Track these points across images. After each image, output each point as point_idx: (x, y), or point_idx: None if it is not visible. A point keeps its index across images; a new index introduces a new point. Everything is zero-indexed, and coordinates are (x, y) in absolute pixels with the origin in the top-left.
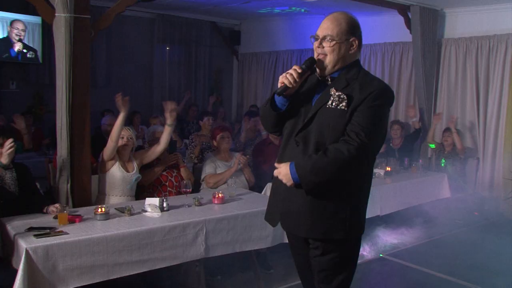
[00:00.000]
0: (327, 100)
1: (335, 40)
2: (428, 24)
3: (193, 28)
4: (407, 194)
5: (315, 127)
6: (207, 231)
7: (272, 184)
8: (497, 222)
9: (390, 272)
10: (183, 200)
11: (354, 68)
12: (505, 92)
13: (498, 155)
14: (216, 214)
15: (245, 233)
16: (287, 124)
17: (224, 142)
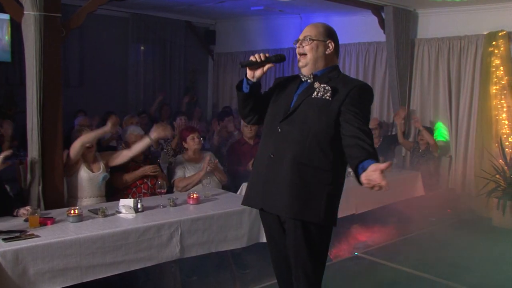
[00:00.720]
0: (312, 91)
1: (313, 39)
2: (402, 24)
3: (167, 27)
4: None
5: (300, 115)
6: (182, 232)
7: (253, 169)
8: (469, 219)
9: (365, 270)
10: (158, 200)
11: (335, 71)
12: (475, 92)
13: (470, 153)
14: (191, 215)
15: (221, 233)
16: (267, 117)
17: (194, 143)
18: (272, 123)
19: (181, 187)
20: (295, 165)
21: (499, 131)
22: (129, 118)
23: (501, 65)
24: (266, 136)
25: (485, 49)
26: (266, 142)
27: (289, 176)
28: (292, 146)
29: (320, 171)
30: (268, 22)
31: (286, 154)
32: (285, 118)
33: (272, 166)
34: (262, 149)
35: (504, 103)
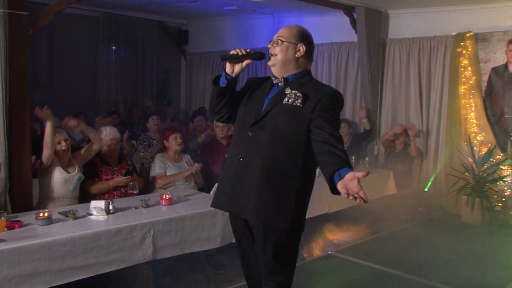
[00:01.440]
0: (283, 97)
1: (284, 41)
2: (373, 24)
3: (139, 27)
4: None
5: (270, 121)
6: (155, 233)
7: (222, 171)
8: (439, 216)
9: (338, 268)
10: (130, 202)
11: (306, 76)
12: (445, 91)
13: (440, 152)
14: (163, 216)
15: (194, 234)
16: (238, 121)
17: (176, 143)
18: (242, 127)
19: (161, 184)
20: (264, 170)
21: (468, 129)
22: (101, 119)
23: (469, 65)
24: (237, 139)
25: (453, 49)
26: (236, 145)
27: (258, 182)
28: (262, 152)
29: (289, 178)
30: (241, 22)
31: (256, 159)
32: (255, 122)
33: (241, 170)
34: (232, 152)
35: (472, 102)
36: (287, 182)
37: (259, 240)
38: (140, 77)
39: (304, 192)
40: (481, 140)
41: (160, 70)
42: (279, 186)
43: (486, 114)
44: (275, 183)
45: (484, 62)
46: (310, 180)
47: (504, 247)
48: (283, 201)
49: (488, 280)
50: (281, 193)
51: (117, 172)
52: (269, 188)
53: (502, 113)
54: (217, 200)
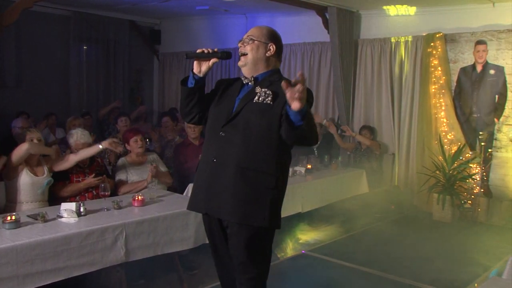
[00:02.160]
0: (254, 96)
1: (255, 40)
2: (345, 25)
3: (111, 27)
4: (328, 191)
5: (242, 120)
6: (127, 235)
7: (196, 173)
8: (411, 214)
9: (312, 267)
10: (102, 203)
11: (276, 74)
12: (416, 91)
13: (412, 151)
14: (136, 217)
15: (167, 235)
16: (209, 121)
17: (137, 146)
18: (214, 127)
19: (122, 193)
20: (239, 169)
21: (438, 128)
22: (73, 120)
23: (439, 65)
24: (209, 140)
25: (424, 49)
26: (209, 146)
27: (233, 180)
28: (235, 151)
29: (264, 175)
30: (213, 22)
31: (229, 159)
32: (227, 122)
33: (216, 171)
34: (205, 153)
35: (442, 102)
36: (262, 179)
37: (233, 239)
38: (112, 77)
39: (280, 188)
40: (451, 138)
41: (132, 70)
42: (255, 184)
43: (455, 113)
44: (251, 181)
45: (453, 62)
46: (285, 176)
47: (473, 244)
48: (259, 199)
49: (458, 277)
50: (257, 190)
51: (89, 174)
52: (245, 187)
53: (470, 112)
54: (192, 202)
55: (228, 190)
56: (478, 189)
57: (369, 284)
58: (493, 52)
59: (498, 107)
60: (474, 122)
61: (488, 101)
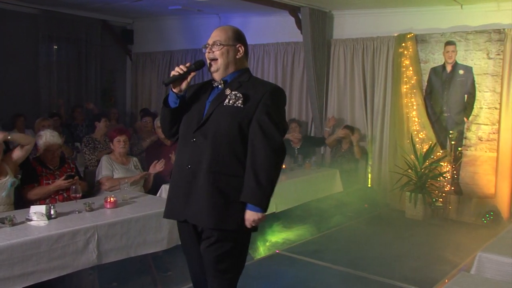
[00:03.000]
0: (224, 99)
1: (223, 44)
2: (318, 25)
3: (82, 26)
4: (302, 190)
5: (212, 124)
6: (99, 237)
7: (171, 180)
8: (384, 212)
9: (286, 267)
10: (73, 206)
11: (245, 74)
12: (388, 91)
13: (384, 150)
14: (108, 219)
15: (140, 236)
16: (182, 127)
17: (119, 146)
18: (186, 134)
19: (108, 186)
20: (211, 174)
21: (410, 128)
22: (41, 121)
23: (410, 65)
24: (182, 147)
25: (395, 50)
26: (182, 153)
27: (206, 186)
28: (207, 156)
29: (237, 179)
30: (186, 21)
31: (202, 165)
32: (198, 128)
33: (190, 177)
34: (179, 160)
35: (414, 101)
36: (235, 183)
37: (207, 244)
38: (83, 77)
39: None
40: (422, 137)
41: (104, 70)
42: (228, 188)
43: (427, 113)
44: (223, 185)
45: (424, 63)
46: None
47: (444, 241)
48: (233, 202)
49: (429, 274)
50: (229, 195)
51: (59, 176)
52: (218, 192)
53: (441, 111)
54: (170, 210)
55: (203, 196)
56: (449, 187)
57: (343, 282)
58: (461, 53)
59: (467, 107)
60: (444, 121)
61: (458, 101)
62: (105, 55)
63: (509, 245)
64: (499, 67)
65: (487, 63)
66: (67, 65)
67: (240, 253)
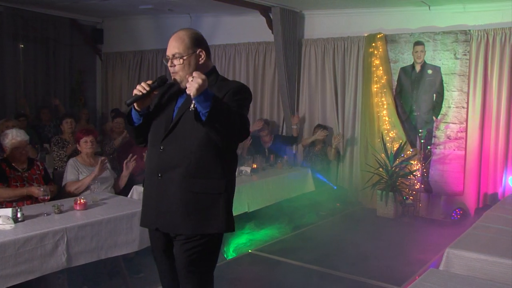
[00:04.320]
0: (189, 104)
1: (183, 56)
2: (289, 25)
3: (50, 25)
4: (274, 190)
5: (179, 131)
6: (69, 240)
7: (144, 189)
8: (356, 211)
9: (259, 266)
10: (41, 208)
11: (211, 76)
12: (359, 90)
13: (356, 149)
14: (78, 221)
15: (110, 238)
16: (150, 134)
17: (87, 146)
18: (154, 142)
19: (73, 190)
20: (185, 180)
21: (381, 127)
22: (5, 122)
23: (381, 65)
24: (151, 156)
25: (366, 50)
26: (151, 162)
27: (180, 194)
28: (179, 163)
29: (213, 181)
30: (157, 21)
31: (174, 172)
32: (166, 136)
33: (162, 186)
34: (149, 169)
35: (384, 100)
36: (212, 185)
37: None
38: (52, 77)
39: (230, 191)
40: (393, 136)
41: (73, 70)
42: (205, 192)
43: (397, 112)
44: (200, 189)
45: (393, 62)
46: (233, 177)
47: (415, 239)
48: (212, 205)
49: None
50: (208, 198)
51: (27, 179)
52: (194, 197)
53: (411, 110)
54: (144, 219)
55: (177, 204)
56: (419, 185)
57: (315, 281)
58: (430, 53)
59: (436, 106)
60: (414, 120)
61: (427, 100)
62: (74, 54)
63: (476, 241)
64: (466, 67)
65: (455, 63)
66: (34, 65)
67: (213, 251)
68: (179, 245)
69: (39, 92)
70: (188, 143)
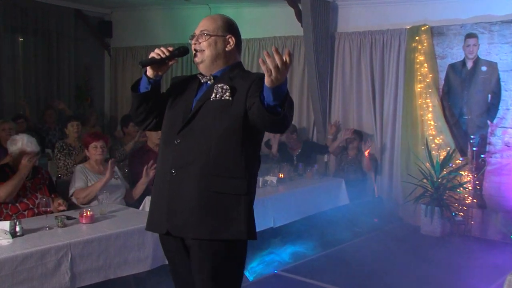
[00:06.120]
0: (210, 94)
1: (211, 34)
2: (320, 16)
3: (52, 16)
4: (303, 203)
5: (198, 123)
6: (73, 257)
7: (153, 189)
8: (397, 227)
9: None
10: (43, 221)
11: (237, 69)
12: (400, 90)
13: (396, 157)
14: (83, 236)
15: (120, 255)
16: (164, 127)
17: (96, 152)
18: (169, 135)
19: (82, 198)
20: (203, 177)
21: (425, 132)
22: (1, 124)
23: (425, 61)
24: (164, 150)
25: (408, 44)
26: (165, 156)
27: (197, 192)
28: (196, 158)
29: (233, 180)
30: (172, 12)
31: (190, 168)
32: (183, 128)
33: (175, 184)
34: (161, 164)
35: (429, 102)
36: (232, 185)
37: (198, 259)
38: (54, 74)
39: (251, 193)
40: (439, 143)
41: (79, 66)
42: (224, 192)
43: (444, 115)
44: (219, 189)
45: (440, 58)
46: (255, 180)
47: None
48: (231, 207)
49: None
50: (227, 199)
51: (31, 189)
52: (212, 196)
53: (461, 113)
54: (151, 221)
55: (192, 203)
56: (470, 199)
57: None
58: (484, 47)
59: (491, 108)
60: (464, 125)
61: (480, 101)
62: (79, 49)
63: None
64: None
65: None
66: (35, 60)
67: (238, 265)
68: (195, 256)
69: (40, 91)
70: (208, 137)
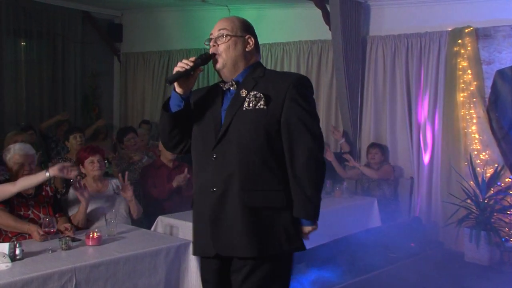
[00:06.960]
0: (241, 102)
1: (230, 35)
2: (350, 18)
3: (58, 18)
4: (331, 224)
5: (234, 135)
6: (78, 282)
7: (194, 210)
8: (437, 253)
9: None
10: (45, 243)
11: (258, 68)
12: (440, 100)
13: (435, 174)
14: (90, 260)
15: (129, 281)
16: (195, 145)
17: (93, 168)
18: (203, 151)
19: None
20: (244, 194)
21: (469, 146)
22: (14, 136)
23: (469, 67)
24: (200, 167)
25: (449, 48)
26: (202, 175)
27: (240, 209)
28: (235, 173)
29: (273, 193)
30: (188, 15)
31: (230, 184)
32: (218, 142)
33: (218, 202)
34: (199, 184)
35: (473, 113)
36: (273, 198)
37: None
38: (59, 81)
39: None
40: (485, 159)
41: (86, 73)
42: (266, 206)
43: (490, 127)
44: (261, 204)
45: (487, 64)
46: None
47: None
48: (274, 222)
49: None
50: (272, 213)
51: (34, 208)
52: (255, 212)
53: (510, 125)
54: (199, 245)
55: (237, 221)
56: None
57: None
58: None
59: None
60: None
61: None
62: (86, 54)
63: None
64: None
65: None
66: (38, 66)
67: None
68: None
69: (45, 98)
70: (245, 150)
